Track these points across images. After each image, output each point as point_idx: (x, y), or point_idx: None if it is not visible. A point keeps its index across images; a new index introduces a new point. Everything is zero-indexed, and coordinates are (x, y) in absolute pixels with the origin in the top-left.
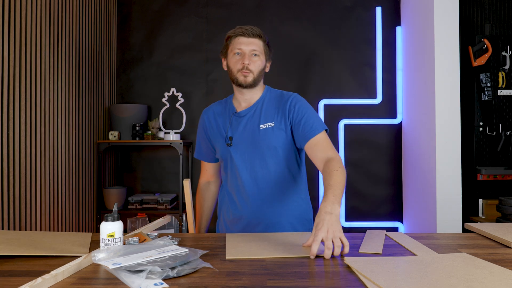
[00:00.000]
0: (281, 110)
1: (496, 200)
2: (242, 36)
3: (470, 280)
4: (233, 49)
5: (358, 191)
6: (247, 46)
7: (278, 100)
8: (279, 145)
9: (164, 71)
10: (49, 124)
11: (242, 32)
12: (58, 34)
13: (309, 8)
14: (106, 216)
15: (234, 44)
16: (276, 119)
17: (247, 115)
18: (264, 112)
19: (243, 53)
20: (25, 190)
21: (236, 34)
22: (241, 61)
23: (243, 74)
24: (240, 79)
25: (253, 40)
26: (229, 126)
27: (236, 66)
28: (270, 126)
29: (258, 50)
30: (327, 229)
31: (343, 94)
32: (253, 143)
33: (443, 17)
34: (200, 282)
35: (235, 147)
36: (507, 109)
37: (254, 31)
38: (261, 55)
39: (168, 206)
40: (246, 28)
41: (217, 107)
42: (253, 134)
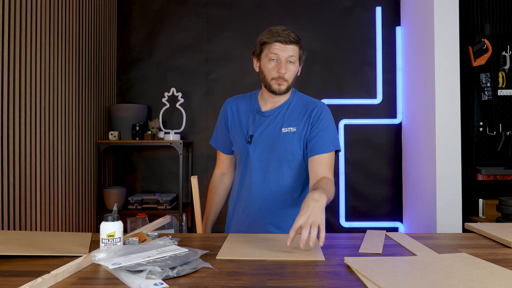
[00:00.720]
0: (305, 117)
1: (496, 200)
2: (279, 42)
3: (470, 280)
4: (268, 54)
5: (358, 191)
6: (284, 53)
7: (304, 106)
8: (297, 151)
9: (164, 71)
10: (49, 124)
11: (279, 39)
12: (58, 34)
13: (309, 8)
14: (106, 216)
15: (271, 49)
16: (299, 125)
17: (271, 116)
18: (288, 115)
19: (279, 60)
20: (25, 190)
21: (273, 40)
22: (277, 69)
23: (277, 82)
24: (274, 87)
25: (290, 46)
26: (252, 123)
27: (271, 73)
28: (291, 131)
29: (294, 56)
30: (308, 215)
31: (343, 94)
32: (272, 145)
33: (443, 17)
34: (200, 282)
35: (254, 146)
36: (507, 109)
37: (291, 37)
38: (296, 61)
39: (168, 206)
40: (283, 35)
41: (241, 103)
42: (273, 135)
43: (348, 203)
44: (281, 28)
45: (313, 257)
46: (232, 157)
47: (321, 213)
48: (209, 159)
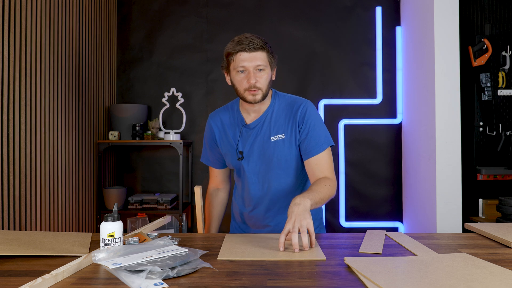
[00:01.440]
0: (291, 120)
1: (496, 200)
2: (243, 51)
3: (470, 280)
4: (235, 67)
5: (358, 191)
6: (250, 62)
7: (288, 108)
8: (291, 156)
9: (164, 71)
10: (49, 124)
11: (242, 47)
12: (58, 34)
13: (309, 8)
14: (106, 216)
15: (236, 62)
16: (287, 131)
17: (257, 127)
18: (273, 122)
19: (247, 71)
20: (25, 190)
21: (237, 50)
22: (247, 79)
23: (251, 93)
24: (249, 98)
25: (255, 54)
26: (240, 138)
27: (242, 85)
28: (281, 138)
29: (262, 64)
30: (294, 220)
31: (343, 94)
32: (264, 155)
33: (443, 17)
34: (200, 282)
35: (247, 160)
36: (507, 109)
37: (255, 43)
38: (266, 67)
39: (168, 206)
40: (246, 43)
41: (224, 116)
42: (263, 146)
43: (348, 203)
44: (244, 36)
45: (313, 257)
46: (225, 170)
47: (305, 215)
48: None
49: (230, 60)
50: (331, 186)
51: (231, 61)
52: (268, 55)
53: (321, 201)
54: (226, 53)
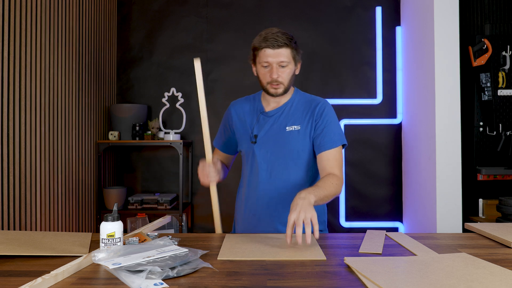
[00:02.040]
0: (309, 115)
1: (496, 200)
2: (268, 48)
3: (470, 280)
4: (260, 61)
5: (358, 191)
6: (274, 58)
7: (307, 104)
8: (302, 148)
9: (164, 71)
10: (49, 124)
11: (267, 45)
12: (58, 34)
13: (309, 8)
14: (106, 216)
15: (261, 57)
16: (303, 123)
17: (275, 115)
18: (291, 114)
19: (270, 66)
20: (25, 190)
21: (262, 46)
22: (270, 74)
23: (273, 87)
24: (271, 91)
25: (279, 51)
26: (256, 123)
27: (265, 78)
28: (296, 129)
29: (286, 60)
30: (299, 211)
31: (343, 94)
32: (277, 144)
33: (443, 17)
34: (200, 282)
35: (259, 145)
36: (507, 109)
37: (280, 41)
38: (289, 63)
39: (168, 206)
40: (271, 40)
41: (245, 105)
42: (278, 134)
43: (348, 203)
44: (271, 32)
45: (313, 257)
46: (227, 157)
47: (310, 208)
48: None
49: (256, 54)
50: (337, 185)
51: (257, 55)
52: (292, 51)
53: (326, 198)
54: (253, 47)
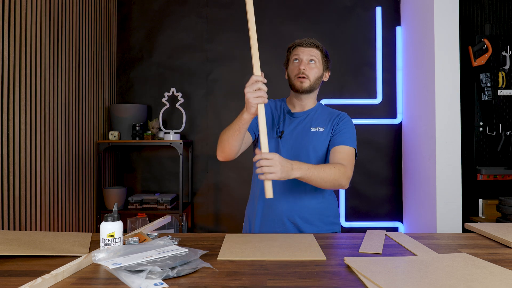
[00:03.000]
0: (331, 120)
1: (496, 200)
2: (300, 46)
3: (470, 280)
4: (291, 57)
5: (358, 191)
6: (304, 54)
7: (330, 113)
8: (324, 149)
9: (164, 71)
10: (49, 124)
11: (300, 42)
12: (58, 34)
13: (309, 8)
14: (106, 216)
15: (293, 53)
16: (326, 126)
17: (301, 117)
18: (316, 117)
19: (300, 60)
20: (25, 190)
21: (295, 44)
22: (298, 66)
23: (299, 80)
24: (297, 85)
25: (310, 49)
26: (282, 121)
27: (294, 72)
28: (320, 130)
29: (315, 58)
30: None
31: (343, 94)
32: (301, 142)
33: (443, 17)
34: (200, 282)
35: (284, 141)
36: (507, 109)
37: (312, 42)
38: (318, 62)
39: (168, 206)
40: (304, 40)
41: (272, 103)
42: (303, 134)
43: (348, 203)
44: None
45: (313, 257)
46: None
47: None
48: (209, 159)
49: (289, 55)
50: (340, 171)
51: (289, 54)
52: (322, 54)
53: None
54: (287, 48)
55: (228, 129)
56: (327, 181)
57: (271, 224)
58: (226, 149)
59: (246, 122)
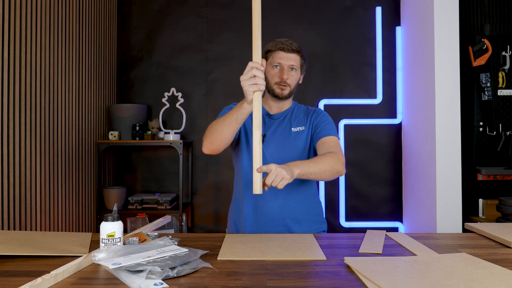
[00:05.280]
0: (309, 117)
1: (496, 200)
2: (282, 51)
3: (470, 280)
4: (272, 62)
5: (358, 191)
6: (286, 61)
7: (305, 111)
8: (307, 148)
9: (164, 71)
10: (49, 124)
11: (282, 47)
12: (58, 34)
13: (309, 8)
14: (106, 216)
15: (274, 58)
16: (306, 124)
17: (280, 118)
18: (294, 117)
19: (281, 67)
20: (25, 190)
21: (277, 48)
22: (280, 75)
23: (280, 87)
24: (277, 91)
25: (292, 55)
26: (263, 124)
27: (274, 78)
28: (301, 130)
29: (295, 65)
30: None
31: (343, 94)
32: (284, 144)
33: (443, 17)
34: (200, 282)
35: (267, 145)
36: (507, 109)
37: (294, 46)
38: (297, 69)
39: (168, 206)
40: (286, 44)
41: None
42: (284, 135)
43: (348, 203)
44: (285, 39)
45: (313, 257)
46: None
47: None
48: (209, 159)
49: (268, 56)
50: (333, 158)
51: (269, 57)
52: (301, 59)
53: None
54: (266, 50)
55: (223, 119)
56: (325, 171)
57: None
58: (217, 141)
59: (246, 112)
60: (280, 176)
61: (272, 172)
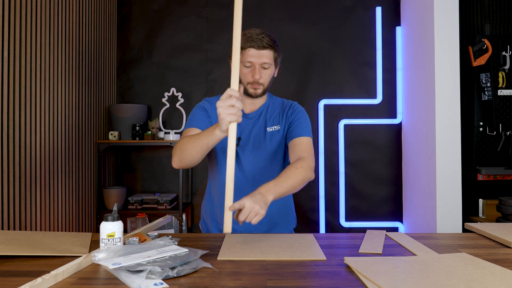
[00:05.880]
0: (284, 114)
1: (496, 200)
2: (252, 48)
3: (470, 280)
4: (243, 61)
5: (358, 191)
6: (258, 59)
7: (281, 105)
8: (281, 147)
9: (164, 71)
10: (49, 124)
11: (252, 45)
12: (58, 34)
13: (309, 8)
14: (106, 216)
15: (245, 56)
16: (281, 122)
17: (255, 117)
18: (269, 115)
19: (253, 66)
20: (25, 190)
21: (247, 46)
22: (251, 74)
23: (253, 87)
24: (250, 91)
25: (263, 52)
26: (238, 126)
27: (246, 78)
28: (276, 129)
29: (268, 62)
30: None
31: (343, 94)
32: (260, 146)
33: (443, 17)
34: (200, 282)
35: (243, 147)
36: (507, 109)
37: (265, 42)
38: (271, 65)
39: (168, 206)
40: (256, 40)
41: None
42: (260, 136)
43: (348, 203)
44: (256, 32)
45: (313, 257)
46: None
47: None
48: None
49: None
50: (303, 168)
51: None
52: (275, 53)
53: (290, 190)
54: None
55: (194, 140)
56: (296, 185)
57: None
58: (186, 161)
59: (217, 140)
60: (254, 213)
61: (246, 209)
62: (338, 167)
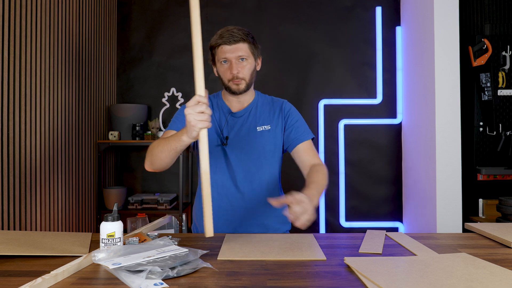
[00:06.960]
0: (276, 114)
1: (496, 200)
2: (224, 44)
3: (470, 280)
4: (219, 59)
5: (358, 191)
6: (232, 53)
7: (270, 104)
8: (274, 147)
9: (164, 71)
10: (49, 124)
11: (223, 41)
12: (58, 34)
13: (309, 8)
14: (106, 216)
15: (219, 54)
16: (272, 122)
17: (243, 116)
18: (259, 114)
19: (229, 62)
20: (25, 190)
21: (218, 43)
22: (230, 70)
23: (234, 83)
24: (233, 88)
25: (236, 46)
26: (225, 125)
27: (226, 76)
28: (266, 129)
29: (244, 55)
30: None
31: (343, 94)
32: (250, 144)
33: (443, 17)
34: (200, 282)
35: (231, 147)
36: (507, 109)
37: (236, 36)
38: (248, 57)
39: (168, 206)
40: (226, 36)
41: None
42: (250, 135)
43: (348, 203)
44: (226, 29)
45: (313, 257)
46: None
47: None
48: None
49: (214, 53)
50: (324, 171)
51: (215, 54)
52: (250, 45)
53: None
54: (210, 47)
55: (162, 145)
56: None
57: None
58: (156, 164)
59: (185, 145)
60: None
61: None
62: (338, 167)
